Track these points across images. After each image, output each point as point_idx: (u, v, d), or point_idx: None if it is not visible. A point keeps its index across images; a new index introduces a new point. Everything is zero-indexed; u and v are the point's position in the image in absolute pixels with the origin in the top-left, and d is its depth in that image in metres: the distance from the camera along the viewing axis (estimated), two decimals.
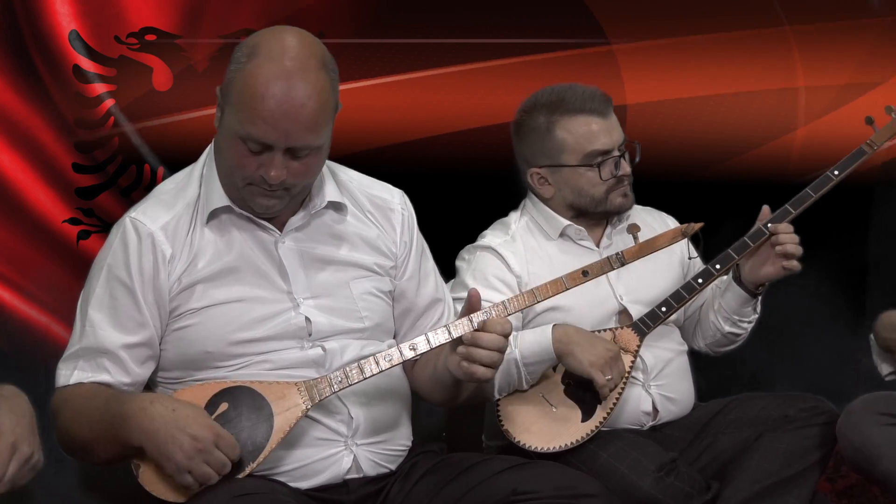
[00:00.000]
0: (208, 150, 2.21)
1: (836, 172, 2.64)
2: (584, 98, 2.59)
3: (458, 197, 3.26)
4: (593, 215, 2.65)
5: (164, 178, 3.10)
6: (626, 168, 2.60)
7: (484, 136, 3.34)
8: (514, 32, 3.47)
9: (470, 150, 3.42)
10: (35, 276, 3.05)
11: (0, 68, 3.03)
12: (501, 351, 2.07)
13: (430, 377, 2.24)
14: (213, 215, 2.14)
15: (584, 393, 2.49)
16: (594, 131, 2.58)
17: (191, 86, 3.19)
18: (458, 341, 2.08)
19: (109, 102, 3.09)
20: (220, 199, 2.13)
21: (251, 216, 2.14)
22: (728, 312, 2.66)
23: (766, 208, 2.60)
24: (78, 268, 3.04)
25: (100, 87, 3.07)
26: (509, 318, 2.20)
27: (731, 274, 2.63)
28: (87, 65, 3.04)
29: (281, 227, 2.17)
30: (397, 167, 3.13)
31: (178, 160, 3.07)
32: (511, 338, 2.35)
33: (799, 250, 2.54)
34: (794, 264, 2.55)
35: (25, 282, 3.03)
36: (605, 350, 2.43)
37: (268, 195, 2.07)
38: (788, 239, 2.54)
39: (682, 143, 3.58)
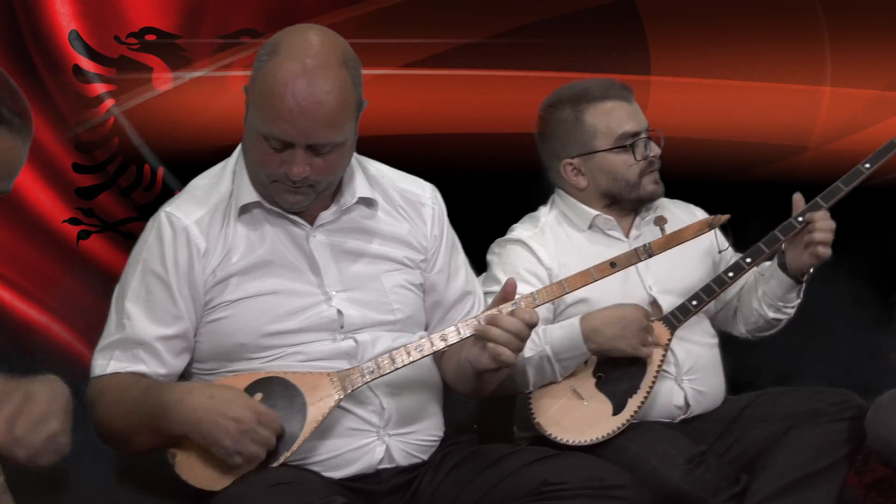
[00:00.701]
0: (240, 147, 2.23)
1: (867, 165, 2.62)
2: (605, 86, 2.64)
3: (491, 193, 3.24)
4: (626, 203, 2.66)
5: (164, 178, 3.22)
6: (655, 149, 2.63)
7: (516, 137, 3.26)
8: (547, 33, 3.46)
9: (502, 150, 3.40)
10: (35, 276, 3.06)
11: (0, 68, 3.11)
12: (520, 336, 2.06)
13: (455, 368, 2.26)
14: (244, 210, 2.15)
15: (615, 387, 2.49)
16: (622, 114, 2.62)
17: (191, 86, 3.20)
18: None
19: (109, 102, 3.11)
20: (249, 194, 2.15)
21: (282, 211, 2.16)
22: (772, 299, 2.65)
23: (797, 198, 2.60)
24: (78, 268, 3.09)
25: (100, 87, 3.10)
26: (540, 308, 2.21)
27: (775, 261, 2.63)
28: (87, 65, 3.07)
29: (312, 222, 2.18)
30: (431, 162, 3.12)
31: (178, 160, 3.16)
32: (541, 332, 2.40)
33: (827, 237, 2.53)
34: (821, 251, 2.53)
35: (25, 282, 3.05)
36: (636, 324, 2.44)
37: (293, 191, 2.08)
38: (819, 227, 2.53)
39: (707, 139, 3.55)
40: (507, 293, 2.10)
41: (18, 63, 3.02)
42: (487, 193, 3.22)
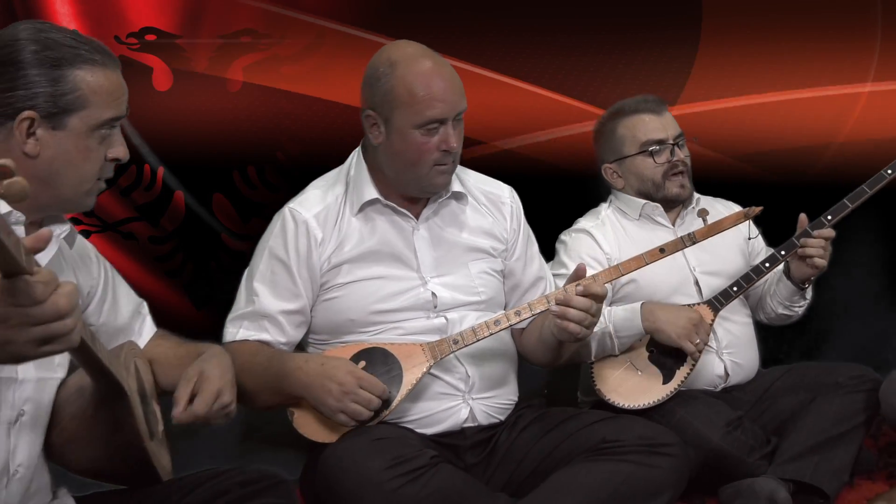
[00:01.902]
0: (355, 155, 2.43)
1: (889, 171, 2.70)
2: (637, 102, 2.85)
3: (563, 194, 3.28)
4: (658, 202, 2.82)
5: (163, 178, 3.19)
6: (679, 155, 2.80)
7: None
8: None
9: (572, 152, 3.44)
10: None
11: None
12: (591, 312, 2.21)
13: (537, 340, 2.42)
14: (364, 206, 2.35)
15: (665, 359, 2.63)
16: (648, 125, 2.82)
17: (191, 86, 3.16)
18: None
19: None
20: (370, 193, 2.35)
21: (396, 207, 2.36)
22: (781, 299, 2.82)
23: (802, 216, 2.71)
24: None
25: None
26: None
27: (783, 268, 2.76)
28: None
29: (417, 216, 2.39)
30: (512, 167, 3.24)
31: (178, 160, 3.15)
32: (605, 312, 2.56)
33: (818, 252, 2.64)
34: (815, 261, 2.65)
35: None
36: (688, 320, 2.58)
37: (444, 172, 2.30)
38: (812, 244, 2.64)
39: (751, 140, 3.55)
40: (578, 275, 2.27)
41: None
42: (558, 192, 3.26)
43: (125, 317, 2.09)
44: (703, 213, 2.65)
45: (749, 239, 2.90)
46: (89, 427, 1.79)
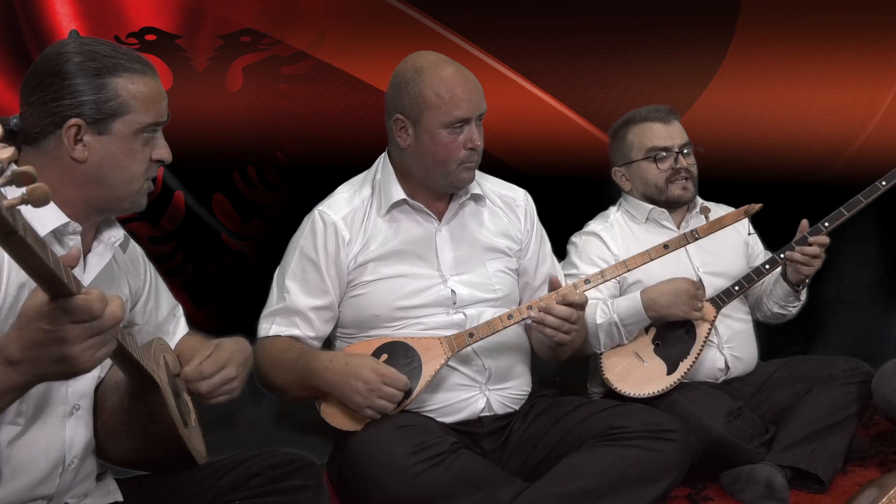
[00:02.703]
0: (380, 161, 2.50)
1: (883, 183, 2.75)
2: (649, 111, 2.93)
3: (575, 196, 3.29)
4: (661, 204, 2.89)
5: (163, 178, 3.13)
6: (683, 162, 2.85)
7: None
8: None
9: (583, 157, 3.46)
10: None
11: (0, 68, 2.96)
12: (571, 319, 2.30)
13: (536, 338, 2.51)
14: (392, 207, 2.42)
15: (669, 352, 2.69)
16: (655, 133, 2.89)
17: (191, 86, 3.11)
18: None
19: None
20: (398, 194, 2.43)
21: (422, 207, 2.43)
22: (777, 299, 2.88)
23: (804, 222, 2.77)
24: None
25: None
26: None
27: (780, 270, 2.82)
28: None
29: (440, 217, 2.46)
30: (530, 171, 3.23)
31: (178, 160, 2.88)
32: (610, 304, 2.64)
33: (806, 260, 2.70)
34: (803, 270, 2.71)
35: None
36: (685, 293, 2.63)
37: (470, 168, 2.39)
38: (805, 251, 2.71)
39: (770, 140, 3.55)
40: (553, 286, 2.37)
41: (18, 63, 2.93)
42: (568, 195, 3.27)
43: (163, 317, 2.15)
44: (705, 211, 2.73)
45: (749, 234, 2.95)
46: (127, 419, 1.84)
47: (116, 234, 1.90)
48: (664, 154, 2.88)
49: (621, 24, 3.42)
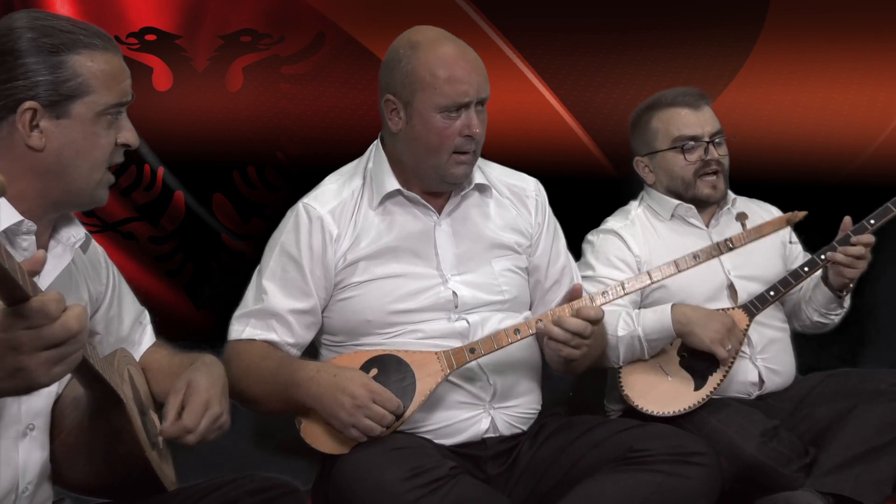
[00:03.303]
0: (373, 148, 2.37)
1: None
2: (676, 94, 2.76)
3: (592, 191, 3.24)
4: (688, 201, 2.74)
5: (163, 178, 3.21)
6: (714, 153, 2.70)
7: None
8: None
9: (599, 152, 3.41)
10: None
11: None
12: (582, 335, 2.17)
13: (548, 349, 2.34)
14: (385, 199, 2.29)
15: (697, 364, 2.56)
16: (683, 119, 2.73)
17: (191, 86, 3.18)
18: None
19: None
20: (391, 184, 2.29)
21: (418, 198, 2.29)
22: (817, 306, 2.74)
23: (847, 219, 2.65)
24: None
25: None
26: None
27: (820, 274, 2.69)
28: None
29: (439, 211, 2.32)
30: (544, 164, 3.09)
31: (178, 160, 3.15)
32: (634, 315, 2.51)
33: (850, 261, 2.58)
34: (849, 272, 2.59)
35: None
36: (721, 325, 2.51)
37: (463, 162, 2.24)
38: (850, 252, 2.58)
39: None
40: (573, 295, 2.24)
41: None
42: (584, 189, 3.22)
43: (127, 326, 2.05)
44: (741, 218, 2.57)
45: (790, 243, 2.81)
46: (88, 439, 1.75)
47: (76, 233, 1.81)
48: (693, 144, 2.72)
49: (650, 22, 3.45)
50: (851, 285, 2.68)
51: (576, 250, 2.67)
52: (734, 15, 3.47)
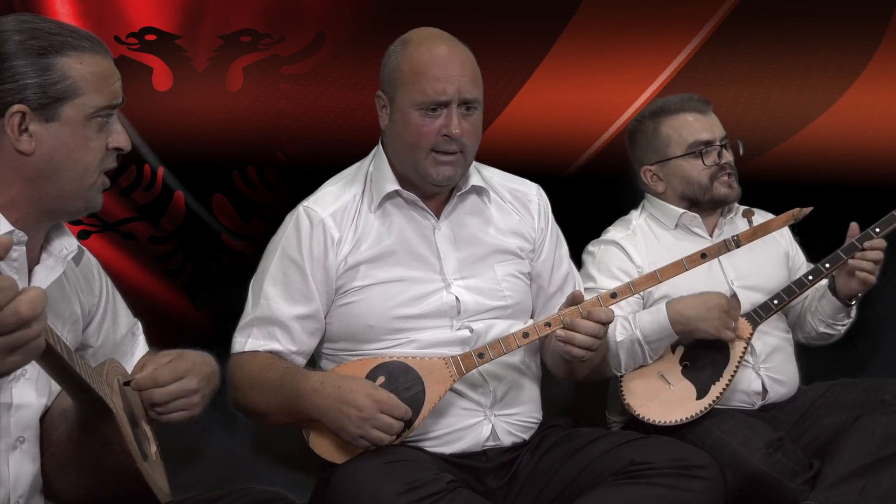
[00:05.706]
0: (375, 151, 2.33)
1: None
2: (682, 100, 2.73)
3: (593, 198, 3.22)
4: (704, 205, 2.71)
5: (163, 178, 3.19)
6: (727, 157, 2.69)
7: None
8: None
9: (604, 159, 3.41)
10: None
11: None
12: (598, 337, 2.14)
13: (551, 354, 2.34)
14: (384, 200, 2.25)
15: (699, 373, 2.53)
16: (694, 125, 2.70)
17: (191, 86, 3.16)
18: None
19: None
20: (390, 184, 2.24)
21: (416, 199, 2.24)
22: (824, 316, 2.71)
23: (854, 225, 2.62)
24: None
25: None
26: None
27: (827, 283, 2.66)
28: None
29: (438, 214, 2.28)
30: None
31: (178, 160, 3.13)
32: (631, 319, 2.47)
33: (868, 266, 2.55)
34: (866, 277, 2.56)
35: None
36: (718, 310, 2.47)
37: (446, 163, 2.19)
38: (868, 257, 2.56)
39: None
40: (573, 301, 2.20)
41: None
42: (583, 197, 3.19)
43: (120, 338, 2.01)
44: (748, 214, 2.56)
45: (795, 235, 2.79)
46: (77, 451, 1.70)
47: (69, 244, 1.77)
48: (707, 148, 2.68)
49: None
50: (860, 294, 2.63)
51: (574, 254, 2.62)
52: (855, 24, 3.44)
